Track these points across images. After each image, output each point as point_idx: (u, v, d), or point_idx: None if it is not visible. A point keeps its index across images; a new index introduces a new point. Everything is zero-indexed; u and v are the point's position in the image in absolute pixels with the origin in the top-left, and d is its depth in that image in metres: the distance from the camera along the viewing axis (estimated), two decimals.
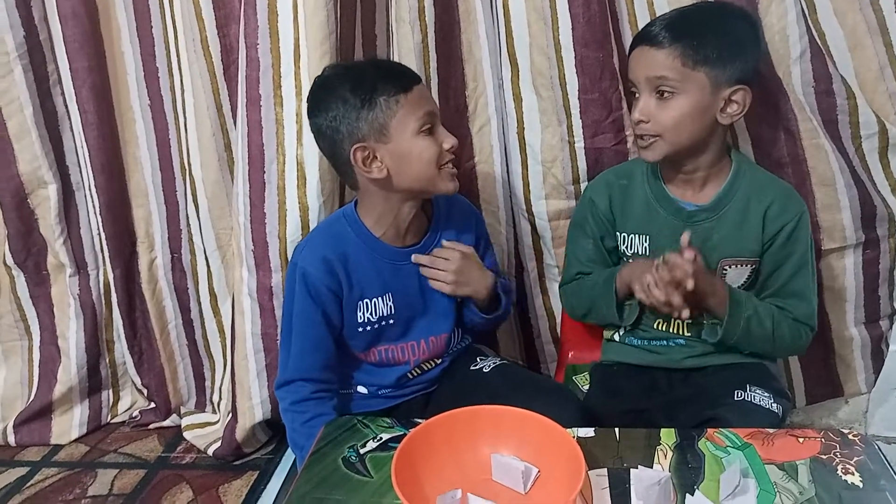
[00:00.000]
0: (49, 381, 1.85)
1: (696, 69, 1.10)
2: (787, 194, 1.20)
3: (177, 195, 1.73)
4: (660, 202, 1.23)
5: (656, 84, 1.13)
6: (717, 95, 1.12)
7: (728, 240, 1.19)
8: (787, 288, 1.19)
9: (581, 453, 0.80)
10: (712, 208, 1.20)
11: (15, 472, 1.71)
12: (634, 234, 1.25)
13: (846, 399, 1.61)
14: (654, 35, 1.13)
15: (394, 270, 1.23)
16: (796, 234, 1.17)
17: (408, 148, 1.14)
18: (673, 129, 1.13)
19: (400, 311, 1.24)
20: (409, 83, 1.14)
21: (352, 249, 1.20)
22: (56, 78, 1.66)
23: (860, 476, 0.85)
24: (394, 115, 1.12)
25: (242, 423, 1.61)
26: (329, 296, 1.19)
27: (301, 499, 0.86)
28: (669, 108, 1.13)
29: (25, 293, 1.83)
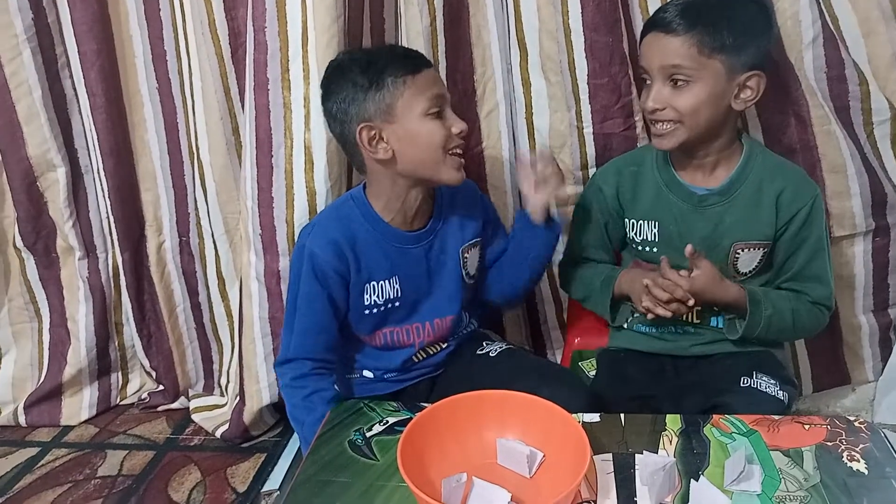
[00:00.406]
0: (59, 363, 1.86)
1: (712, 57, 1.09)
2: (800, 178, 1.20)
3: (185, 179, 1.74)
4: (670, 187, 1.23)
5: (670, 72, 1.11)
6: (732, 82, 1.11)
7: (740, 223, 1.19)
8: (804, 272, 1.19)
9: (586, 438, 0.80)
10: (723, 192, 1.19)
11: (26, 453, 1.73)
12: (644, 221, 1.25)
13: (853, 387, 1.61)
14: (668, 22, 1.11)
15: (400, 254, 1.23)
16: (811, 218, 1.17)
17: (414, 130, 1.14)
18: (691, 115, 1.12)
19: (406, 293, 1.25)
20: (419, 66, 1.15)
21: (360, 232, 1.21)
22: (65, 61, 1.66)
23: (865, 463, 0.85)
24: (401, 96, 1.13)
25: (250, 406, 1.62)
26: (336, 278, 1.19)
27: (308, 481, 0.86)
28: (685, 96, 1.11)
29: (35, 276, 1.84)
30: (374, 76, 1.14)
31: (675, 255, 1.20)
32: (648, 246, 1.26)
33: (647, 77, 1.17)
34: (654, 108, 1.13)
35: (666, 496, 0.81)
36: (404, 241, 1.23)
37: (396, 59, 1.15)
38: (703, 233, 1.21)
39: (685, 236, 1.21)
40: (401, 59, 1.16)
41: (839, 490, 0.81)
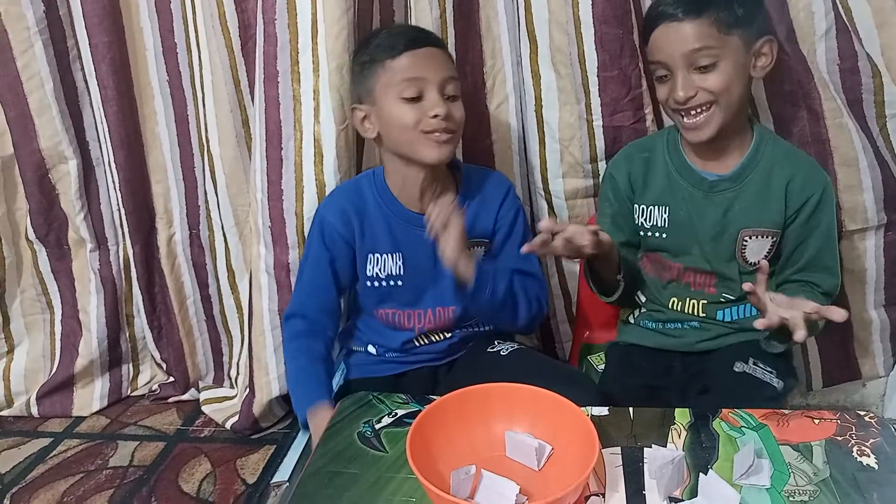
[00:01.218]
0: (71, 355, 1.88)
1: (731, 32, 1.09)
2: (810, 166, 1.18)
3: (195, 171, 1.74)
4: (681, 173, 1.22)
5: (694, 58, 1.10)
6: (749, 52, 1.12)
7: (749, 210, 1.18)
8: (815, 262, 1.18)
9: (595, 432, 0.80)
10: (734, 178, 1.18)
11: (38, 443, 1.75)
12: (654, 206, 1.24)
13: (864, 382, 1.60)
14: (677, 10, 1.10)
15: (407, 231, 1.26)
16: (821, 206, 1.16)
17: (388, 112, 1.18)
18: (725, 93, 1.11)
19: (409, 274, 1.27)
20: (405, 47, 1.17)
21: (370, 204, 1.26)
22: (76, 53, 1.67)
23: (875, 458, 0.84)
24: (378, 80, 1.18)
25: (260, 398, 1.63)
26: (341, 244, 1.25)
27: (317, 472, 0.87)
28: (714, 77, 1.11)
29: (47, 267, 1.85)
30: (363, 59, 1.21)
31: (684, 241, 1.21)
32: (658, 232, 1.25)
33: (664, 71, 1.15)
34: (686, 96, 1.12)
35: (674, 490, 0.81)
36: (410, 220, 1.25)
37: (384, 42, 1.19)
38: (712, 219, 1.19)
39: (695, 223, 1.21)
40: (387, 42, 1.19)
41: (849, 485, 0.80)
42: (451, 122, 1.18)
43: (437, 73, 1.17)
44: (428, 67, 1.17)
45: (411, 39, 1.18)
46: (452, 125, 1.19)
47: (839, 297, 1.45)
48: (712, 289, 1.23)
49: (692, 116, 1.14)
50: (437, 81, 1.17)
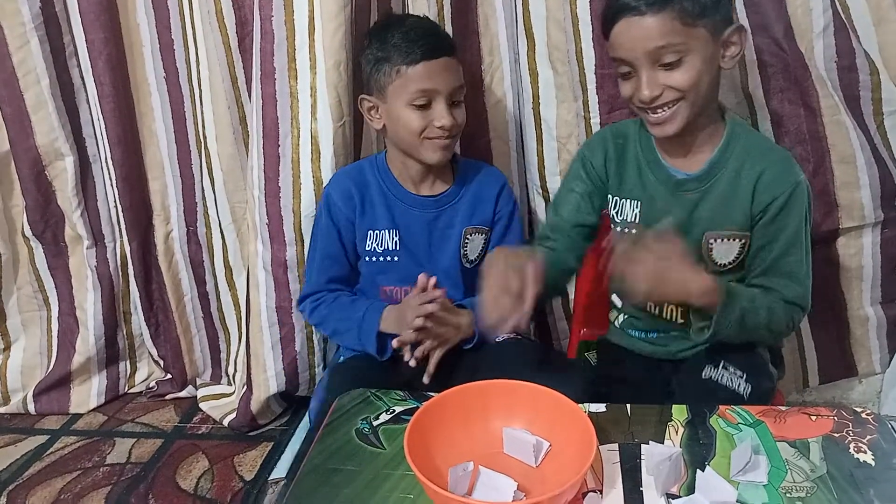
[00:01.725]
0: (68, 352, 1.88)
1: (696, 24, 1.01)
2: (782, 163, 1.10)
3: (192, 168, 1.74)
4: (651, 167, 1.17)
5: (659, 55, 1.02)
6: (717, 42, 1.04)
7: (714, 212, 1.12)
8: (776, 266, 1.10)
9: (592, 428, 0.80)
10: (702, 178, 1.12)
11: (35, 440, 1.74)
12: (627, 200, 1.19)
13: (860, 379, 1.60)
14: (637, 3, 1.01)
15: (403, 211, 1.32)
16: (788, 207, 1.08)
17: (397, 114, 1.24)
18: (692, 89, 1.04)
19: (405, 250, 1.32)
20: (421, 57, 1.20)
21: (371, 183, 1.33)
22: (72, 49, 1.66)
23: (872, 454, 0.84)
24: (392, 83, 1.22)
25: (257, 395, 1.63)
26: (342, 218, 1.31)
27: (314, 469, 0.87)
28: (681, 73, 1.03)
29: (44, 264, 1.85)
30: (378, 55, 1.24)
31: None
32: (628, 227, 1.19)
33: (627, 68, 1.07)
34: (652, 95, 1.04)
35: (672, 486, 0.81)
36: (408, 200, 1.32)
37: (402, 45, 1.21)
38: (676, 219, 1.12)
39: (661, 222, 1.13)
40: (405, 46, 1.21)
41: (846, 481, 0.80)
42: (454, 129, 1.24)
43: (448, 84, 1.22)
44: (440, 79, 1.21)
45: (430, 49, 1.21)
46: (456, 130, 1.25)
47: (835, 292, 1.46)
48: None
49: (657, 112, 1.07)
50: (446, 92, 1.22)
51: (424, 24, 1.30)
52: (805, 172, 1.34)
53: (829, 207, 1.39)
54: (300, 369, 1.60)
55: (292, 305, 1.51)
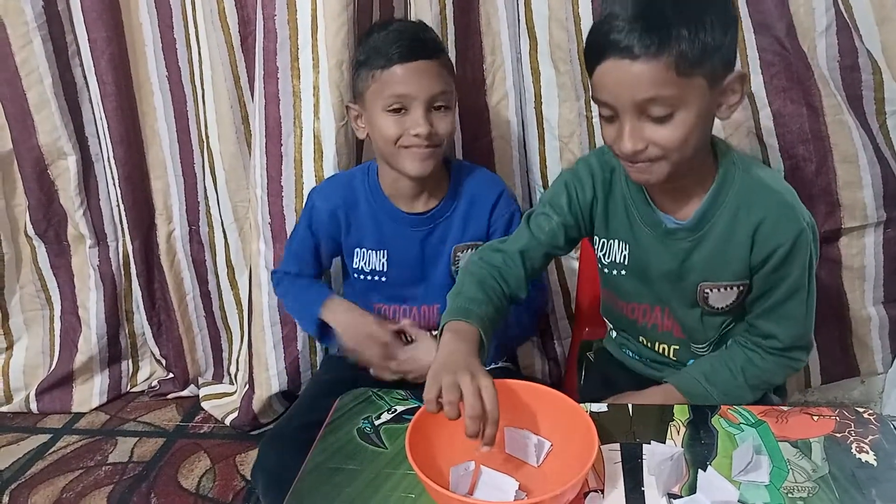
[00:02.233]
0: (70, 351, 1.88)
1: (694, 73, 0.86)
2: (784, 209, 0.96)
3: (194, 167, 1.74)
4: (638, 209, 1.05)
5: (646, 107, 0.88)
6: (715, 92, 0.90)
7: (709, 262, 1.01)
8: (775, 311, 1.01)
9: (594, 428, 0.80)
10: (693, 228, 1.00)
11: (37, 439, 1.75)
12: (614, 240, 1.09)
13: (862, 379, 1.60)
14: (630, 45, 0.85)
15: (394, 231, 1.26)
16: (791, 257, 0.96)
17: (374, 121, 1.19)
18: (678, 149, 0.90)
19: (393, 271, 1.28)
20: (397, 59, 1.14)
21: (360, 199, 1.27)
22: (75, 49, 1.66)
23: (874, 454, 0.84)
24: (368, 88, 1.18)
25: (259, 394, 1.63)
26: (326, 237, 1.29)
27: (316, 468, 0.87)
28: (670, 129, 0.89)
29: (46, 263, 1.85)
30: (359, 58, 1.21)
31: (643, 282, 1.08)
32: (616, 269, 1.10)
33: (608, 111, 0.92)
34: (634, 149, 0.91)
35: (673, 486, 0.81)
36: (399, 220, 1.26)
37: (380, 45, 1.16)
38: (668, 266, 1.04)
39: (651, 267, 1.06)
40: (383, 47, 1.16)
41: (848, 481, 0.80)
42: (434, 138, 1.16)
43: (426, 88, 1.14)
44: (417, 83, 1.14)
45: (406, 50, 1.14)
46: (436, 140, 1.17)
47: (837, 292, 1.46)
48: (681, 334, 1.10)
49: (634, 165, 0.94)
50: (424, 98, 1.14)
51: (408, 26, 1.23)
52: (807, 172, 1.36)
53: (832, 207, 1.39)
54: (302, 368, 1.60)
55: None
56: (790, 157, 1.37)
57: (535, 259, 1.09)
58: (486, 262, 1.06)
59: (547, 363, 1.73)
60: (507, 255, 1.07)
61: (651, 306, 1.11)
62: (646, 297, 1.10)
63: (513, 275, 1.06)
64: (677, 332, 1.10)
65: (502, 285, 1.04)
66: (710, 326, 1.07)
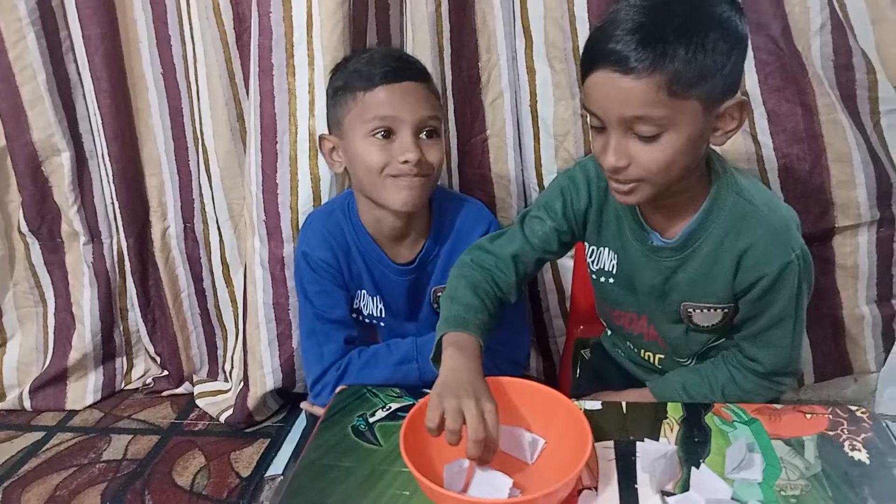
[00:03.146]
0: (64, 348, 1.87)
1: (689, 94, 0.82)
2: (774, 237, 0.93)
3: (189, 164, 1.74)
4: (628, 221, 1.03)
5: (633, 123, 0.85)
6: (710, 116, 0.86)
7: (692, 284, 0.99)
8: (760, 338, 0.99)
9: (588, 426, 0.80)
10: (679, 248, 0.98)
11: (31, 437, 1.74)
12: (604, 248, 1.07)
13: (855, 377, 1.61)
14: (624, 57, 0.81)
15: (384, 276, 1.20)
16: (777, 287, 0.94)
17: (354, 149, 1.09)
18: (661, 173, 0.88)
19: (389, 314, 1.24)
20: (381, 80, 1.06)
21: (349, 242, 1.19)
22: (69, 45, 1.66)
23: (867, 453, 0.85)
24: (348, 112, 1.09)
25: (254, 392, 1.63)
26: (333, 272, 1.17)
27: (311, 465, 0.87)
28: (656, 150, 0.86)
29: (40, 260, 1.85)
30: (336, 84, 1.11)
31: (630, 293, 1.07)
32: (605, 276, 1.09)
33: (597, 122, 0.89)
34: (616, 165, 0.87)
35: (667, 483, 0.81)
36: (388, 268, 1.19)
37: (361, 69, 1.08)
38: (652, 282, 1.03)
39: (637, 280, 1.05)
40: (365, 69, 1.08)
41: (840, 479, 0.81)
42: (424, 167, 1.08)
43: (414, 112, 1.07)
44: (404, 105, 1.06)
45: (390, 71, 1.07)
46: (426, 169, 1.08)
47: (830, 291, 1.46)
48: (664, 345, 1.10)
49: (617, 182, 0.92)
50: (412, 122, 1.06)
51: (391, 50, 1.15)
52: (801, 171, 1.36)
53: (825, 206, 1.39)
54: (297, 366, 1.60)
55: (289, 302, 1.51)
56: (784, 155, 1.37)
57: (528, 264, 1.08)
58: (477, 264, 1.06)
59: (542, 361, 1.73)
60: (500, 259, 1.06)
61: (637, 315, 1.10)
62: (632, 306, 1.09)
63: (504, 280, 1.06)
64: (662, 343, 1.10)
65: (494, 289, 1.04)
66: (694, 342, 1.07)
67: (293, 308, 1.52)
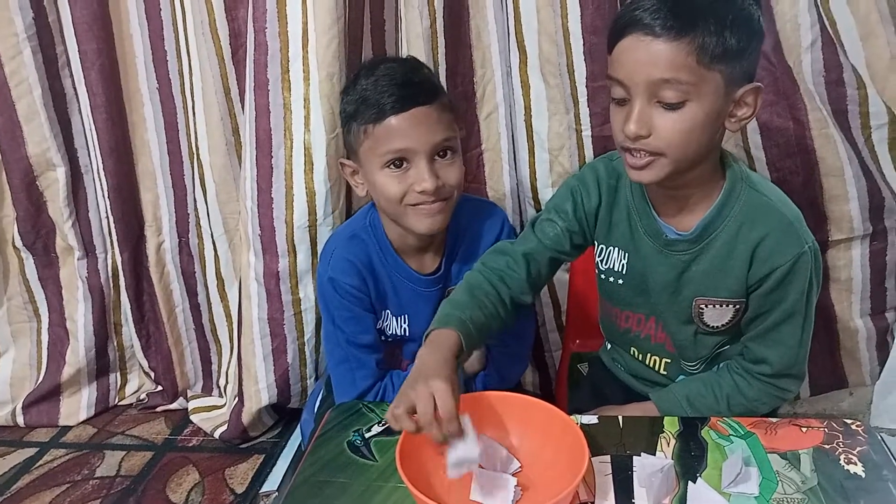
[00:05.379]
0: (57, 363, 1.86)
1: (713, 67, 0.85)
2: (787, 229, 0.95)
3: (184, 179, 1.74)
4: (641, 218, 1.04)
5: (659, 88, 0.87)
6: (729, 97, 0.89)
7: (707, 276, 1.00)
8: (769, 335, 1.00)
9: (584, 440, 0.80)
10: (695, 240, 0.99)
11: (24, 453, 1.73)
12: (614, 248, 1.08)
13: (850, 390, 1.61)
14: (655, 21, 0.85)
15: (411, 291, 1.19)
16: (789, 279, 0.95)
17: (373, 180, 1.09)
18: (680, 146, 0.89)
19: (416, 334, 1.20)
20: (390, 111, 1.04)
21: (376, 263, 1.17)
22: (65, 60, 1.66)
23: (863, 466, 0.85)
24: (361, 144, 1.08)
25: (249, 407, 1.62)
26: (361, 297, 1.16)
27: (306, 481, 0.87)
28: (678, 120, 0.88)
29: (34, 275, 1.84)
30: (348, 114, 1.11)
31: (640, 293, 1.07)
32: (615, 277, 1.09)
33: (622, 92, 0.91)
34: (637, 133, 0.89)
35: (664, 498, 0.81)
36: (414, 280, 1.18)
37: (370, 95, 1.06)
38: (665, 278, 1.03)
39: (649, 277, 1.05)
40: (373, 96, 1.06)
41: (836, 493, 0.81)
42: (442, 192, 1.06)
43: (427, 139, 1.04)
44: (415, 134, 1.04)
45: (398, 100, 1.04)
46: (446, 192, 1.07)
47: (825, 304, 1.47)
48: (672, 348, 1.10)
49: (634, 156, 0.92)
50: (426, 150, 1.04)
51: (398, 69, 1.09)
52: (794, 185, 1.37)
53: (819, 220, 1.40)
54: (292, 381, 1.60)
55: (284, 317, 1.51)
56: (777, 169, 1.38)
57: (541, 263, 1.08)
58: (486, 266, 1.08)
59: (538, 375, 1.73)
60: (511, 258, 1.07)
61: (646, 316, 1.10)
62: (641, 306, 1.09)
63: (515, 277, 1.06)
64: (669, 346, 1.10)
65: (499, 288, 1.04)
66: (703, 345, 1.07)
67: (288, 323, 1.52)
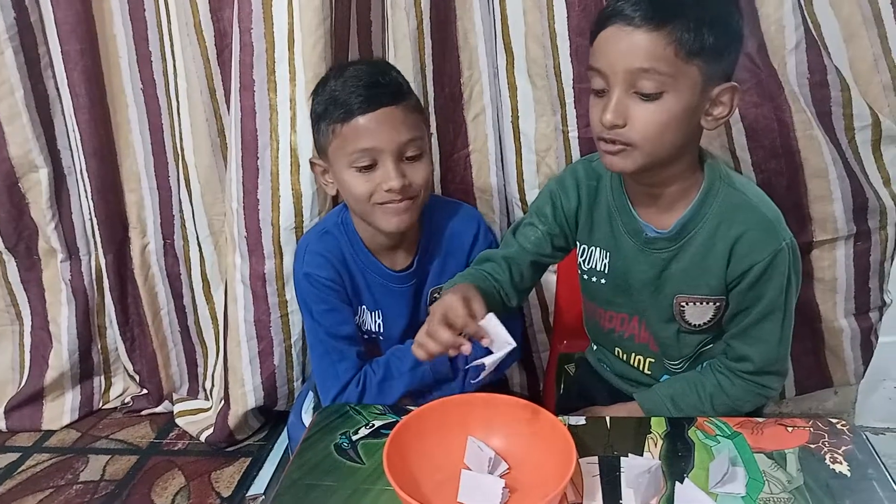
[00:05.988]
0: (40, 367, 1.84)
1: (691, 61, 0.87)
2: (765, 226, 0.96)
3: (169, 180, 1.73)
4: (621, 216, 1.05)
5: (638, 79, 0.88)
6: (705, 95, 0.91)
7: (687, 274, 1.01)
8: (749, 333, 1.01)
9: (572, 441, 0.80)
10: (673, 238, 1.00)
11: (6, 458, 1.71)
12: (596, 247, 1.09)
13: (835, 390, 1.62)
14: (636, 13, 0.87)
15: (385, 290, 1.20)
16: (768, 275, 0.96)
17: (341, 178, 1.10)
18: (654, 138, 0.90)
19: (389, 329, 1.22)
20: (357, 110, 1.05)
21: (347, 257, 1.18)
22: (48, 60, 1.64)
23: (848, 465, 0.85)
24: (330, 144, 1.09)
25: (235, 410, 1.61)
26: (338, 289, 1.17)
27: (293, 485, 0.86)
28: (653, 111, 0.89)
29: (16, 278, 1.82)
30: (318, 109, 1.10)
31: (622, 292, 1.08)
32: (597, 277, 1.10)
33: (602, 83, 0.92)
34: (612, 122, 0.90)
35: (651, 499, 0.81)
36: (387, 277, 1.19)
37: (339, 95, 1.06)
38: (646, 276, 1.04)
39: (630, 276, 1.06)
40: (342, 96, 1.06)
41: (822, 492, 0.81)
42: (409, 191, 1.08)
43: (393, 139, 1.06)
44: (382, 134, 1.05)
45: (365, 100, 1.05)
46: (412, 192, 1.09)
47: (809, 305, 1.48)
48: (655, 347, 1.10)
49: (607, 144, 0.94)
50: (392, 149, 1.06)
51: (366, 70, 1.10)
52: (779, 186, 1.38)
53: (803, 221, 1.41)
54: (279, 384, 1.59)
55: (270, 319, 1.50)
56: (762, 171, 1.39)
57: (523, 266, 1.10)
58: (473, 267, 1.12)
59: (525, 376, 1.73)
60: (495, 263, 1.10)
61: (629, 316, 1.11)
62: (624, 306, 1.10)
63: (501, 278, 1.09)
64: (653, 346, 1.11)
65: (492, 281, 1.07)
66: (685, 344, 1.07)
67: (274, 325, 1.51)
